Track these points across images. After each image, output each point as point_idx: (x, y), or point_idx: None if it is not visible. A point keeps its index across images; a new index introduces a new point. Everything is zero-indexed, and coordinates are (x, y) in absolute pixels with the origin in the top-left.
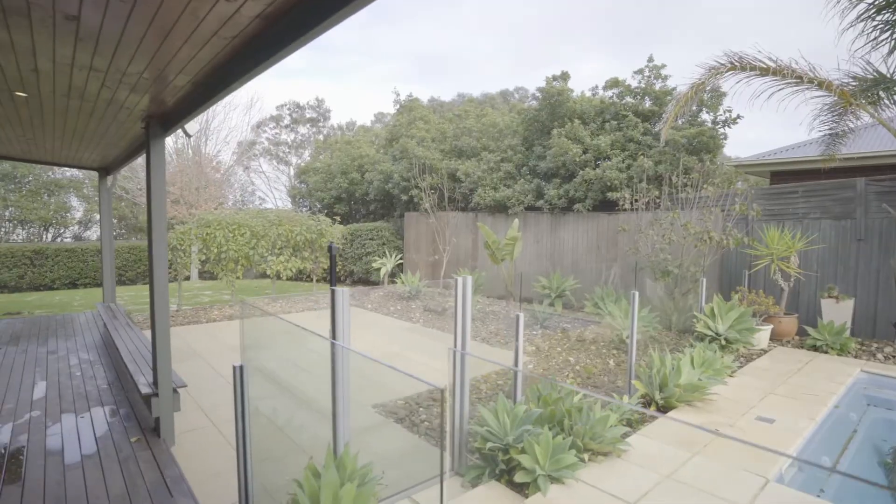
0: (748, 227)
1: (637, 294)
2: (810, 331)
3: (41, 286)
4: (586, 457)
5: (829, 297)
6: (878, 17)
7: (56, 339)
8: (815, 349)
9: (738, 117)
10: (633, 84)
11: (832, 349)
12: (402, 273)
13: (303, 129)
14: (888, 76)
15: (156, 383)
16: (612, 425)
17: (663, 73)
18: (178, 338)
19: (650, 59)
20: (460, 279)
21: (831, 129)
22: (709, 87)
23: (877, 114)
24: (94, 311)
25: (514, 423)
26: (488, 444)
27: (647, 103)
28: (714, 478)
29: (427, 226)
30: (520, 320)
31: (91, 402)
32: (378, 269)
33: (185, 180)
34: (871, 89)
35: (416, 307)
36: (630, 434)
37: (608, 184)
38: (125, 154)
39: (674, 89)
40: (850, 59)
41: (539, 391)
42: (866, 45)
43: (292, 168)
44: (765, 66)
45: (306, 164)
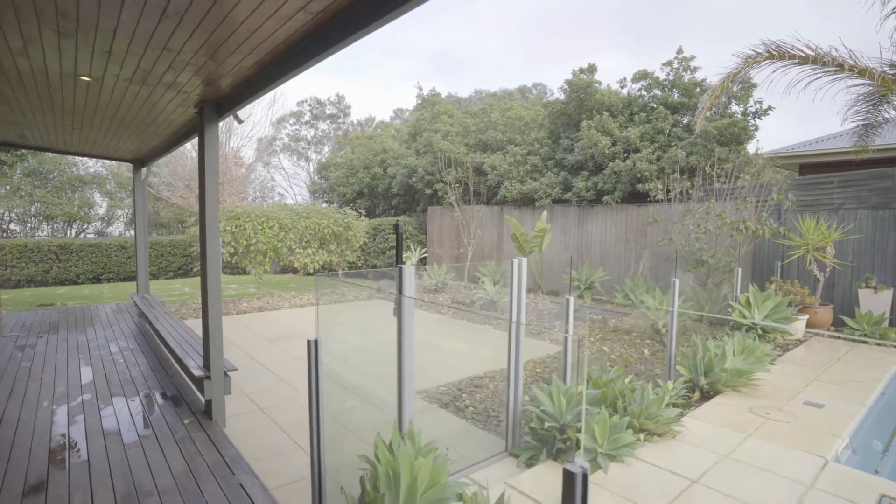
0: (780, 217)
1: (677, 281)
2: (848, 321)
3: (66, 280)
4: (641, 437)
5: (867, 287)
6: None
7: (93, 328)
8: (853, 339)
9: (769, 108)
10: (661, 76)
11: (871, 339)
12: (425, 267)
13: (322, 125)
14: None
15: (207, 367)
16: (665, 406)
17: (692, 64)
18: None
19: (679, 51)
20: (515, 260)
21: (865, 119)
22: (740, 78)
23: None
24: (124, 302)
25: (570, 404)
26: (546, 424)
27: (676, 95)
28: (773, 458)
29: (451, 219)
30: (570, 303)
31: (138, 387)
32: (403, 263)
33: None
34: None
35: (444, 300)
36: (681, 416)
37: (638, 175)
38: (166, 143)
39: (703, 81)
40: (891, 47)
41: (588, 374)
42: None
43: (312, 164)
44: (803, 55)
45: (327, 160)
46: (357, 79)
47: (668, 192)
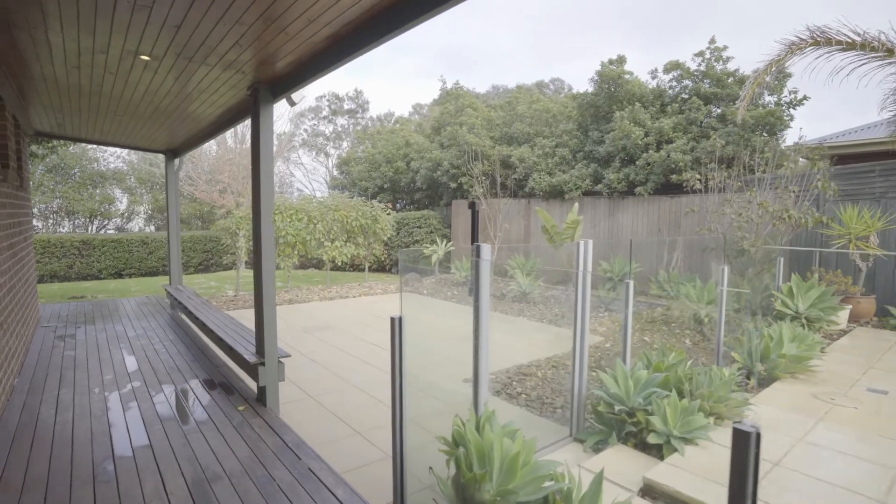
0: (819, 207)
1: (726, 269)
2: (893, 310)
3: (88, 276)
4: (711, 420)
5: None
6: None
7: (128, 318)
8: None
9: (805, 98)
10: (693, 67)
11: None
12: (449, 262)
13: (341, 121)
14: None
15: (261, 353)
16: (733, 390)
17: (725, 55)
18: (247, 320)
19: (712, 41)
20: (581, 242)
21: None
22: (781, 65)
23: None
24: (152, 295)
25: (637, 387)
26: (617, 408)
27: (707, 85)
28: (850, 442)
29: (477, 213)
30: (629, 288)
31: (184, 375)
32: (428, 257)
33: (233, 169)
34: None
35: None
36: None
37: (672, 166)
38: (204, 132)
39: (736, 71)
40: None
41: (647, 358)
42: None
43: (331, 159)
44: (850, 41)
45: (348, 154)
46: (370, 76)
47: (706, 182)
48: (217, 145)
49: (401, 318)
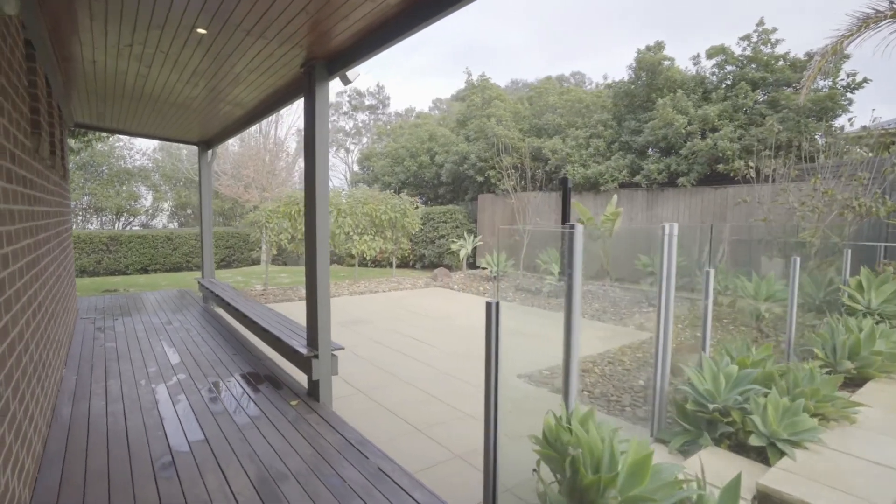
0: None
1: (798, 259)
2: None
3: (115, 271)
4: (815, 421)
5: None
6: None
7: (163, 311)
8: None
9: (865, 81)
10: (738, 52)
11: None
12: (474, 257)
13: (361, 116)
14: None
15: (313, 346)
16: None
17: (773, 37)
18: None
19: (760, 23)
20: (666, 225)
21: None
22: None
23: None
24: (183, 289)
25: (728, 384)
26: (711, 406)
27: (753, 70)
28: None
29: (504, 207)
30: (710, 276)
31: (228, 368)
32: (455, 252)
33: (258, 164)
34: None
35: (505, 287)
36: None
37: (719, 155)
38: (244, 118)
39: (787, 54)
40: None
41: (728, 352)
42: None
43: (351, 155)
44: None
45: (369, 149)
46: (385, 73)
47: (759, 171)
48: (240, 141)
49: (497, 304)
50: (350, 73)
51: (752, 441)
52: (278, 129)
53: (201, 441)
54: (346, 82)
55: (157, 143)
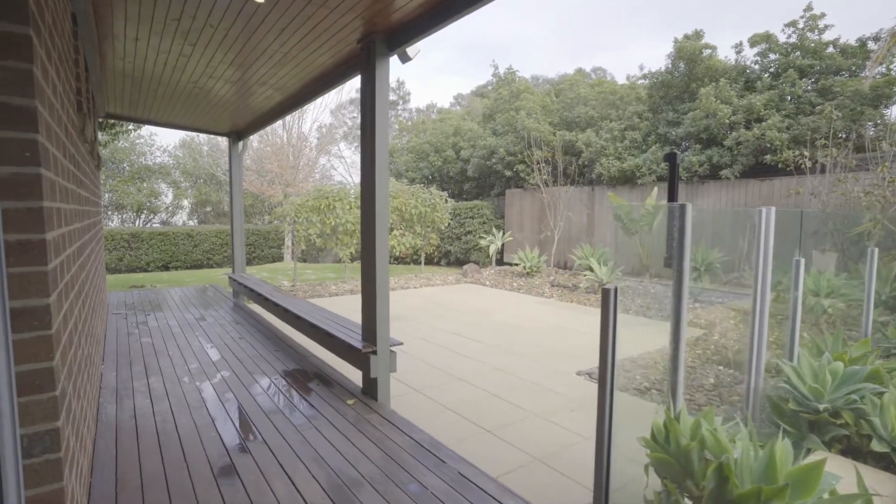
0: None
1: (876, 251)
2: None
3: (137, 268)
4: None
5: None
6: None
7: (193, 306)
8: None
9: None
10: (782, 39)
11: None
12: (501, 253)
13: None
14: None
15: (370, 341)
16: None
17: (821, 23)
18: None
19: (807, 8)
20: (763, 209)
21: None
22: None
23: None
24: (210, 284)
25: (834, 382)
26: (822, 406)
27: (800, 58)
28: None
29: (533, 202)
30: (800, 266)
31: (272, 365)
32: (483, 248)
33: (282, 158)
34: None
35: (540, 283)
36: None
37: (767, 146)
38: (281, 107)
39: (836, 40)
40: None
41: (817, 346)
42: None
43: None
44: None
45: (392, 145)
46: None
47: (815, 161)
48: (259, 137)
49: (616, 289)
50: (410, 50)
51: (875, 446)
52: (302, 124)
53: (259, 443)
54: (405, 60)
55: (177, 141)
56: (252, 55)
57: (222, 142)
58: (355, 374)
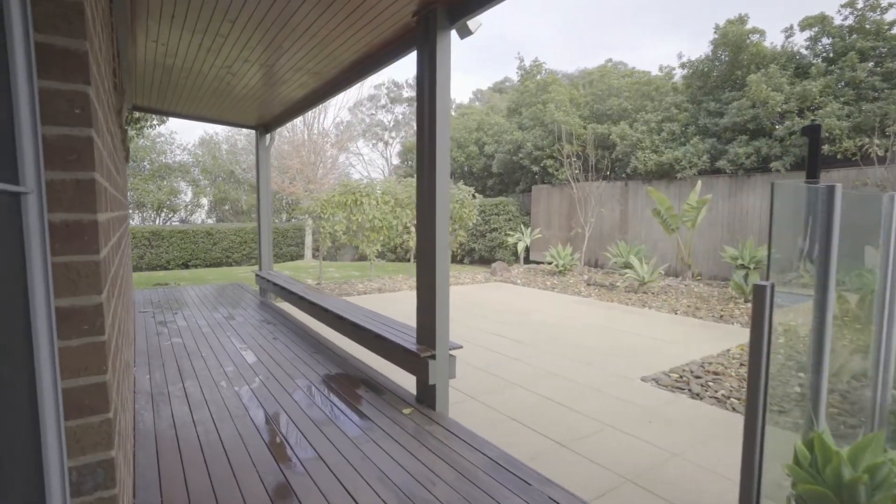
0: None
1: None
2: None
3: (157, 266)
4: None
5: None
6: None
7: (221, 305)
8: None
9: None
10: (838, 21)
11: None
12: (527, 251)
13: (400, 109)
14: None
15: (429, 344)
16: None
17: (884, 2)
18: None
19: None
20: (886, 195)
21: None
22: None
23: None
24: (233, 282)
25: None
26: None
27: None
28: None
29: (561, 198)
30: None
31: (313, 368)
32: (509, 246)
33: (303, 155)
34: None
35: (575, 282)
36: None
37: (826, 135)
38: (314, 96)
39: None
40: None
41: None
42: None
43: (390, 148)
44: None
45: (411, 142)
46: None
47: (887, 150)
48: (278, 133)
49: (772, 286)
50: (471, 23)
51: None
52: (324, 119)
53: (314, 458)
54: (465, 34)
55: (197, 139)
56: (292, 35)
57: (240, 140)
58: (405, 380)
